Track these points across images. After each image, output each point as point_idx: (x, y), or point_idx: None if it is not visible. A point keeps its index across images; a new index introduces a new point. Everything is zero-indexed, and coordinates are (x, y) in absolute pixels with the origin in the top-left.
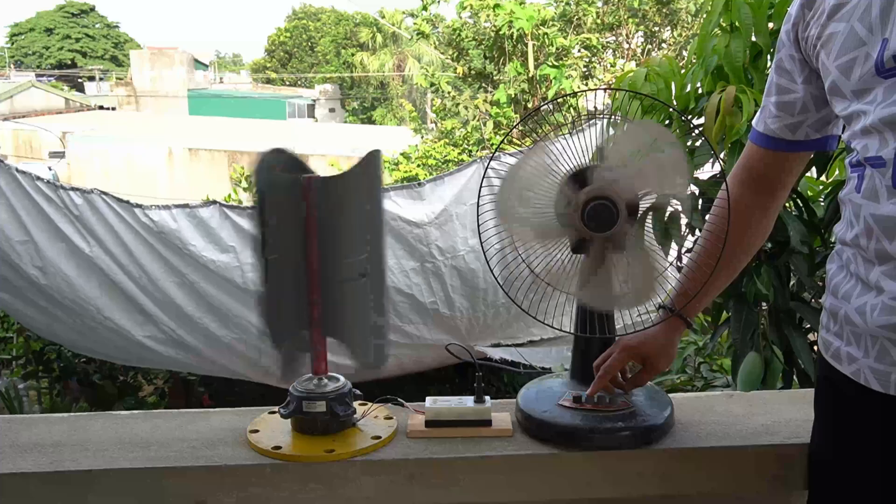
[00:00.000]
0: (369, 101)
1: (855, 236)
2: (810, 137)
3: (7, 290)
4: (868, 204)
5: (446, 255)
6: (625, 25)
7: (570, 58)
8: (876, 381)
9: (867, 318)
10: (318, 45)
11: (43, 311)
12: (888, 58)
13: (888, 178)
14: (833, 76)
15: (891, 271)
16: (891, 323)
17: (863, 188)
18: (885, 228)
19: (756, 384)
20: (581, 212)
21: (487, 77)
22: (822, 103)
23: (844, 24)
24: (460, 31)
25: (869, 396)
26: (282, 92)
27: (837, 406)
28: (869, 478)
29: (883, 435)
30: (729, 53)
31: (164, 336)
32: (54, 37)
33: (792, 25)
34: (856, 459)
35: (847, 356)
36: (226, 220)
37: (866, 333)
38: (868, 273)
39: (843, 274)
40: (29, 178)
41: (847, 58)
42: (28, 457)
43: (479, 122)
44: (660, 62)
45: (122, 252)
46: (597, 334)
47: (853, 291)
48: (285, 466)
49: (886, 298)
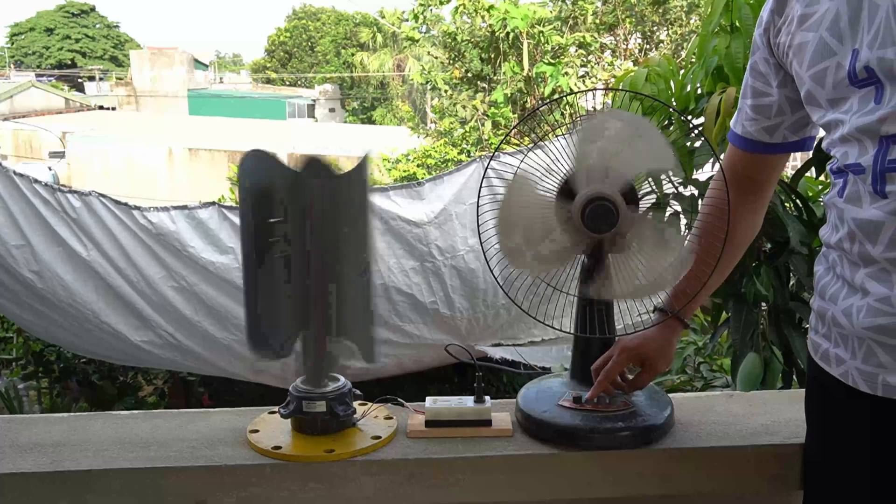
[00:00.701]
0: (369, 101)
1: (839, 239)
2: (788, 140)
3: (3, 294)
4: (850, 208)
5: (446, 254)
6: (622, 26)
7: (566, 55)
8: (864, 383)
9: (853, 320)
10: (318, 45)
11: (40, 315)
12: (860, 69)
13: (868, 184)
14: (808, 85)
15: (875, 273)
16: (876, 324)
17: (845, 193)
18: (867, 232)
19: (756, 384)
20: (581, 215)
21: (484, 78)
22: (797, 106)
23: (813, 34)
24: (455, 35)
25: (857, 398)
26: (282, 92)
27: (827, 408)
28: (859, 479)
29: (872, 436)
30: (729, 54)
31: (161, 340)
32: (54, 37)
33: (764, 30)
34: (846, 461)
35: (835, 358)
36: (224, 221)
37: (853, 335)
38: (853, 275)
39: (830, 276)
40: (27, 181)
41: (819, 67)
42: (28, 457)
43: (477, 123)
44: (659, 62)
45: (119, 255)
46: (597, 334)
47: (839, 293)
48: (285, 466)
49: (872, 300)
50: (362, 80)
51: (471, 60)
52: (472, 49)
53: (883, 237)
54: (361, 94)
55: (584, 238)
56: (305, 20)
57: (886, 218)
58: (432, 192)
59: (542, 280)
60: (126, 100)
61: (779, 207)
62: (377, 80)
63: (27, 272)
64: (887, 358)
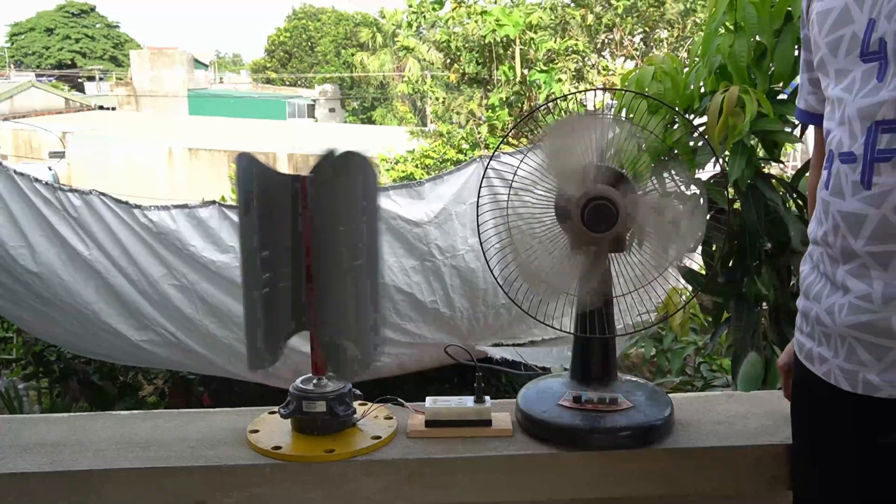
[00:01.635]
0: (369, 101)
1: (824, 233)
2: None
3: (3, 295)
4: (835, 201)
5: (446, 254)
6: (620, 27)
7: (559, 61)
8: (845, 381)
9: (835, 319)
10: (318, 45)
11: (40, 314)
12: (874, 40)
13: (857, 173)
14: (822, 52)
15: (855, 270)
16: (858, 322)
17: (830, 184)
18: (850, 225)
19: (756, 384)
20: (580, 213)
21: (481, 81)
22: None
23: (839, 1)
24: (449, 41)
25: (840, 397)
26: (282, 92)
27: (812, 407)
28: (845, 478)
29: (856, 434)
30: (732, 53)
31: (161, 339)
32: (54, 37)
33: (807, 3)
34: (832, 462)
35: (818, 357)
36: (225, 220)
37: (835, 334)
38: (835, 272)
39: (815, 275)
40: (27, 181)
41: (836, 35)
42: (28, 457)
43: (473, 126)
44: (664, 60)
45: (120, 254)
46: (597, 334)
47: (823, 292)
48: (285, 466)
49: (853, 297)
50: (362, 81)
51: (469, 63)
52: (466, 53)
53: (865, 230)
54: (361, 95)
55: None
56: (305, 20)
57: (869, 210)
58: (432, 191)
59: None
60: (126, 100)
61: (780, 207)
62: (377, 80)
63: (27, 272)
64: (867, 356)
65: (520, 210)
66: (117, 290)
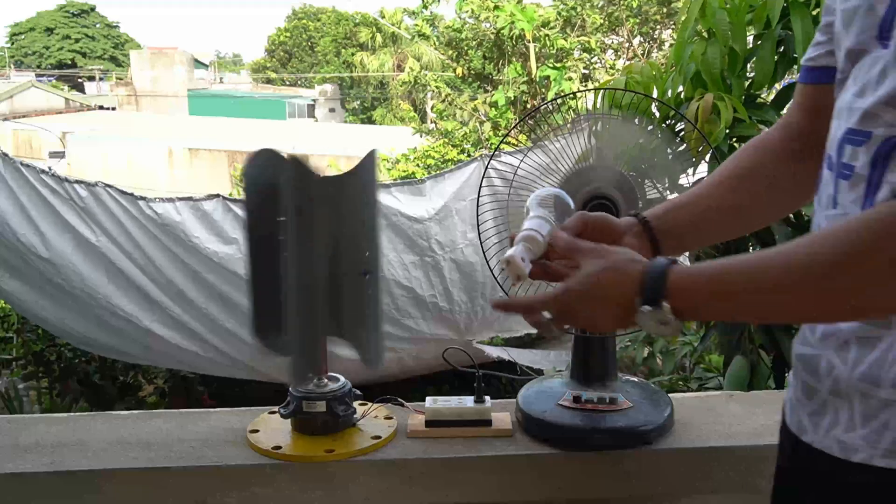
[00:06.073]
0: (369, 101)
1: None
2: None
3: (18, 279)
4: (815, 209)
5: (445, 248)
6: (624, 26)
7: (570, 59)
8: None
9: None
10: (318, 45)
11: (54, 300)
12: None
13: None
14: (837, 19)
15: None
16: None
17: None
18: None
19: (742, 387)
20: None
21: (487, 78)
22: None
23: None
24: (460, 31)
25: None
26: (282, 92)
27: None
28: None
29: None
30: (706, 60)
31: (170, 321)
32: (54, 37)
33: None
34: None
35: None
36: (228, 213)
37: None
38: None
39: None
40: (34, 171)
41: (851, 3)
42: (28, 457)
43: (477, 124)
44: (641, 69)
45: (127, 241)
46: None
47: None
48: (285, 466)
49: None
50: (362, 80)
51: (472, 60)
52: (474, 49)
53: None
54: (361, 94)
55: None
56: (305, 20)
57: None
58: (433, 189)
59: None
60: (126, 100)
61: None
62: (377, 80)
63: (40, 259)
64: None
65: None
66: (126, 274)
